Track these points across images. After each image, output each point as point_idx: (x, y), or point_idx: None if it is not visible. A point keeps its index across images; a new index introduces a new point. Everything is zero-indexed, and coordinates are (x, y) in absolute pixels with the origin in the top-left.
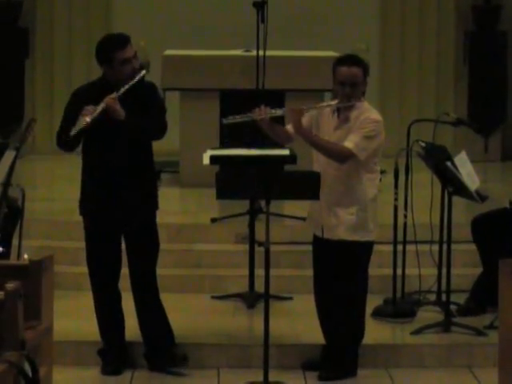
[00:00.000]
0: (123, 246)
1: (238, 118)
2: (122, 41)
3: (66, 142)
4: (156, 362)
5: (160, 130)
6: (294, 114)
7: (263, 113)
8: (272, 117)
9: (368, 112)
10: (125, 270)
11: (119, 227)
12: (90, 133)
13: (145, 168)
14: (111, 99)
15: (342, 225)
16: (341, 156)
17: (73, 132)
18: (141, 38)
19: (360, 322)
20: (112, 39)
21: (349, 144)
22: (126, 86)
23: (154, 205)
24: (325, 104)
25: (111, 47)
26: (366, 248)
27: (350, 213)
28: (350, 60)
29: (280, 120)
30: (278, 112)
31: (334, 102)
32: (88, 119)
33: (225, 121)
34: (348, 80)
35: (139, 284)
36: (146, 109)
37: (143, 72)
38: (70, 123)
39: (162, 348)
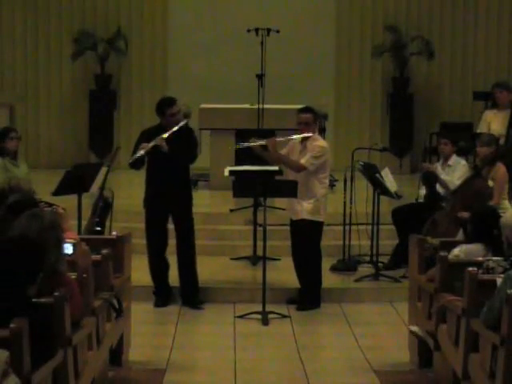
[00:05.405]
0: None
1: (245, 144)
2: (170, 101)
3: (132, 165)
4: (187, 300)
5: (191, 159)
6: (270, 141)
7: (254, 140)
8: (262, 145)
9: (317, 141)
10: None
11: (168, 213)
12: (151, 157)
13: (185, 177)
14: (160, 139)
15: (304, 209)
16: (297, 168)
17: (131, 160)
18: (185, 97)
19: (318, 275)
20: (165, 100)
21: (302, 161)
22: (171, 131)
23: (190, 198)
24: (293, 137)
25: (164, 105)
26: (318, 225)
27: (309, 202)
28: (303, 109)
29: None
30: (263, 141)
31: (296, 136)
32: (143, 152)
33: (239, 145)
34: (302, 121)
35: (183, 249)
36: (185, 143)
37: (184, 121)
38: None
39: (192, 293)
